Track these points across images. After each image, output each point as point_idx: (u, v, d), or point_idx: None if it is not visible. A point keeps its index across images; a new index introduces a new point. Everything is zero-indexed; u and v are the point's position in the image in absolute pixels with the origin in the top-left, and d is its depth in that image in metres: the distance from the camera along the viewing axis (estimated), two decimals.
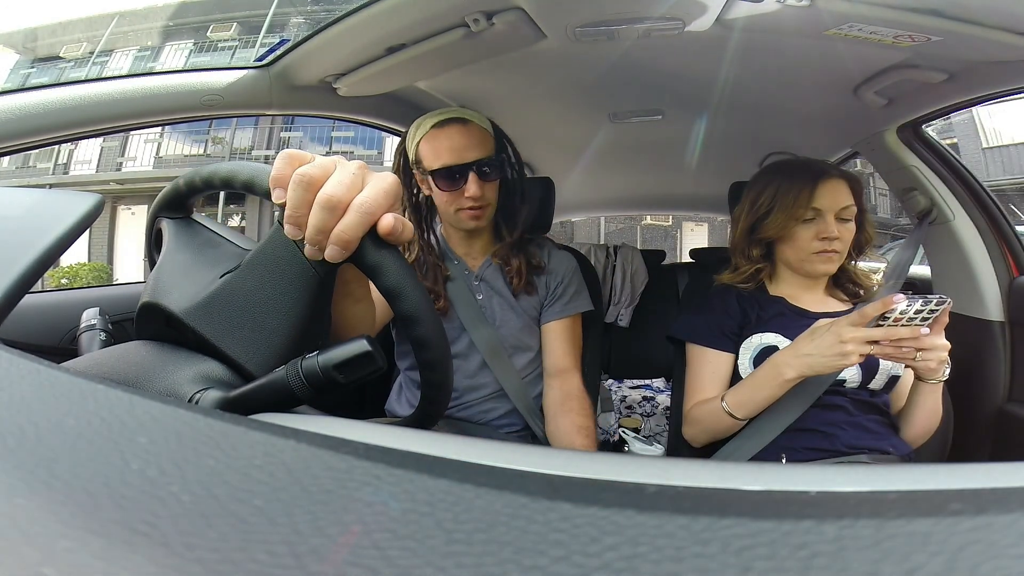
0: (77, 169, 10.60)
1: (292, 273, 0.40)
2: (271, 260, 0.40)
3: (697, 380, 0.94)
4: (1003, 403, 1.11)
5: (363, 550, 0.15)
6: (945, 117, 1.09)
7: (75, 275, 9.74)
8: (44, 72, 12.02)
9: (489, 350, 0.98)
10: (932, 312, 0.71)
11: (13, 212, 0.38)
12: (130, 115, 0.87)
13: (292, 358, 0.36)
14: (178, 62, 11.49)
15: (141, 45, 12.01)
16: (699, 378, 0.93)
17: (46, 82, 0.93)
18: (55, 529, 0.16)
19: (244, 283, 0.39)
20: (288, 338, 0.39)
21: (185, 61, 11.43)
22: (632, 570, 0.14)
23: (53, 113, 0.80)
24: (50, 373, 0.23)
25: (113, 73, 9.10)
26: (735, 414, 0.84)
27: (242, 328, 0.39)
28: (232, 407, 0.34)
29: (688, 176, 1.75)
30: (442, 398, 0.44)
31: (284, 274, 0.40)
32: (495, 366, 0.99)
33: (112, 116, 0.85)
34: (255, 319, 0.39)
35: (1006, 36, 0.74)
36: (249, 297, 0.39)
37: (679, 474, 0.19)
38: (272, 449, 0.20)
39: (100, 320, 0.53)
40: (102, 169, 10.66)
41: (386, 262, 0.39)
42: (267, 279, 0.40)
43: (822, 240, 0.89)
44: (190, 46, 11.76)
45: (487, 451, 0.21)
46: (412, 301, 0.39)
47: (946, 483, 0.19)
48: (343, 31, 0.85)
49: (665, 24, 0.82)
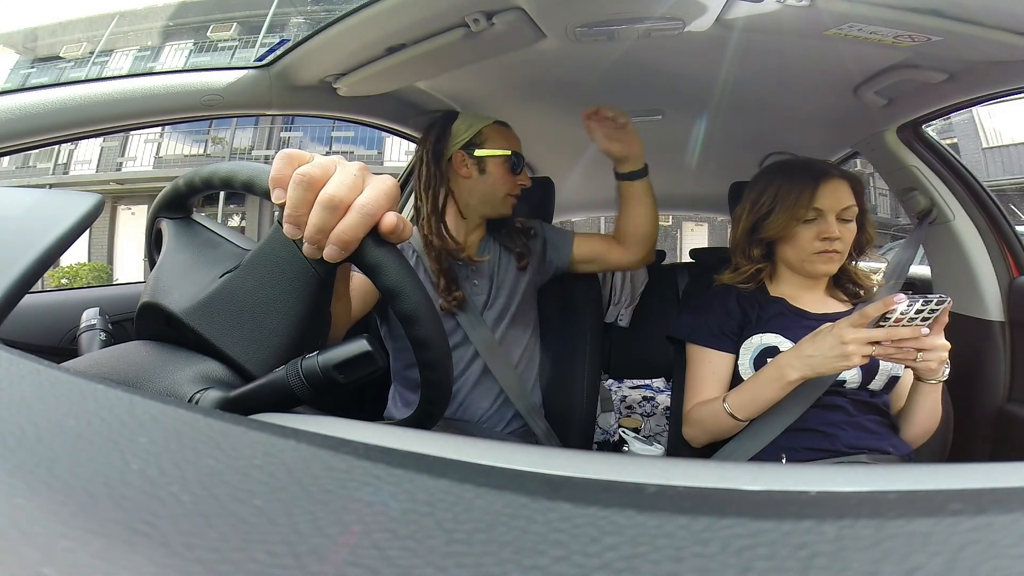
0: (77, 169, 10.56)
1: (291, 273, 0.40)
2: (270, 260, 0.40)
3: (697, 380, 0.94)
4: (1003, 403, 1.10)
5: (363, 550, 0.15)
6: (945, 117, 1.09)
7: (75, 275, 9.72)
8: (44, 72, 11.96)
9: (487, 349, 0.99)
10: (932, 312, 0.71)
11: (13, 212, 0.38)
12: (130, 115, 0.87)
13: (292, 358, 0.36)
14: (178, 62, 11.44)
15: (141, 45, 11.97)
16: (699, 378, 0.93)
17: (46, 82, 0.93)
18: (55, 529, 0.16)
19: (244, 283, 0.39)
20: (287, 338, 0.39)
21: (185, 61, 11.39)
22: (632, 570, 0.14)
23: (53, 113, 0.80)
24: (50, 373, 0.23)
25: (113, 73, 9.07)
26: (737, 415, 0.84)
27: (242, 328, 0.39)
28: (232, 407, 0.34)
29: (688, 176, 1.74)
30: (442, 397, 0.44)
31: (284, 274, 0.40)
32: (493, 364, 1.00)
33: (112, 116, 0.85)
34: (255, 319, 0.39)
35: (1006, 36, 0.73)
36: (249, 297, 0.39)
37: (679, 474, 0.19)
38: (272, 449, 0.20)
39: (100, 320, 0.53)
40: (102, 169, 10.63)
41: (386, 261, 0.39)
42: (266, 279, 0.40)
43: (823, 240, 0.89)
44: (190, 46, 11.72)
45: (487, 451, 0.21)
46: (412, 300, 0.39)
47: (946, 483, 0.19)
48: (343, 31, 0.85)
49: (665, 24, 0.82)
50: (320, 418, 0.31)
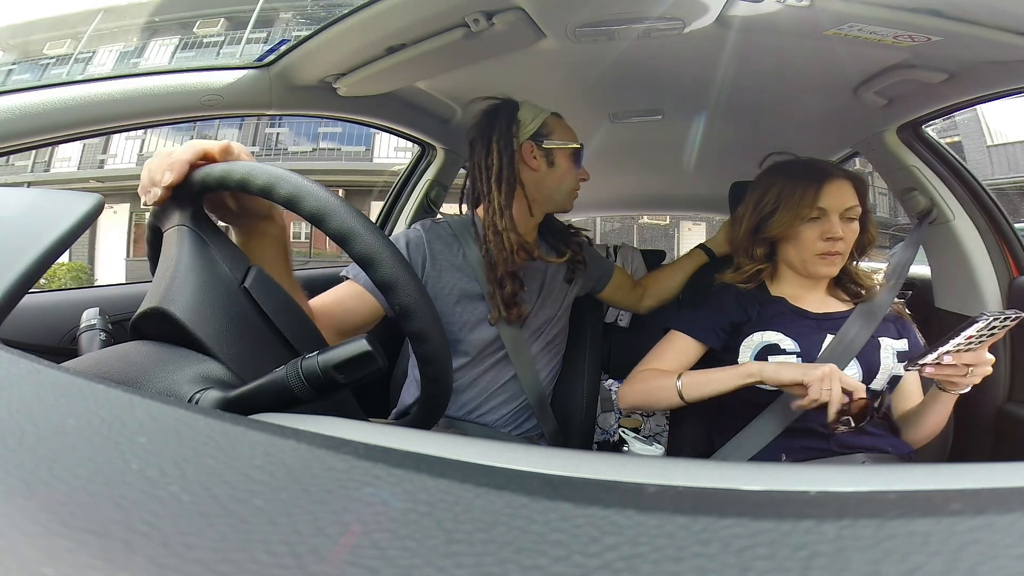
0: (58, 167, 10.26)
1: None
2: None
3: (660, 353, 0.95)
4: (1003, 403, 1.10)
5: (363, 550, 0.15)
6: (949, 116, 1.09)
7: (53, 275, 9.48)
8: (26, 69, 11.61)
9: (513, 345, 0.98)
10: (1002, 327, 0.71)
11: (13, 212, 0.38)
12: (130, 115, 0.87)
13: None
14: (163, 59, 11.15)
15: (126, 42, 11.69)
16: (663, 352, 0.94)
17: (29, 79, 0.93)
18: (55, 529, 0.16)
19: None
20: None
21: (171, 58, 11.12)
22: (632, 570, 0.14)
23: (53, 113, 0.80)
24: (50, 373, 0.23)
25: (96, 70, 8.92)
26: (684, 394, 0.85)
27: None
28: (232, 407, 0.34)
29: (688, 176, 1.75)
30: (442, 392, 0.44)
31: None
32: (523, 374, 0.99)
33: (112, 116, 0.85)
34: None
35: (1006, 36, 0.73)
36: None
37: (679, 474, 0.19)
38: (272, 449, 0.20)
39: (100, 320, 0.53)
40: (84, 167, 10.29)
41: (379, 254, 0.39)
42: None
43: (827, 240, 0.89)
44: (175, 42, 11.48)
45: (487, 451, 0.21)
46: (407, 294, 0.39)
47: (946, 483, 0.19)
48: (343, 31, 0.85)
49: (665, 24, 0.82)
50: (320, 418, 0.31)
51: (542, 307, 1.01)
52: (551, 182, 0.97)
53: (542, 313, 1.02)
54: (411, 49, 0.87)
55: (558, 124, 0.99)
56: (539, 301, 1.01)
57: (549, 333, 1.03)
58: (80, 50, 11.49)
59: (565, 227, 1.08)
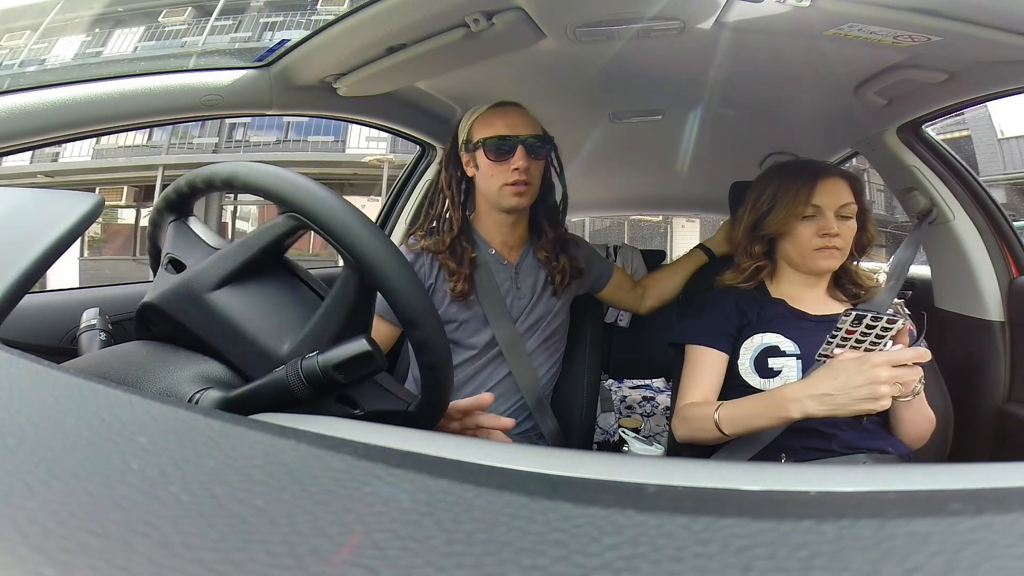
0: (7, 161, 9.80)
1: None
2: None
3: (692, 378, 0.93)
4: (1003, 403, 1.10)
5: (363, 550, 0.15)
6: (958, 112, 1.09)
7: None
8: None
9: (508, 344, 0.99)
10: (885, 331, 0.69)
11: (13, 212, 0.38)
12: (130, 115, 0.87)
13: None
14: (127, 48, 10.69)
15: (87, 31, 11.18)
16: (694, 376, 0.93)
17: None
18: (55, 529, 0.16)
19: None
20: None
21: (135, 49, 10.64)
22: (632, 570, 0.14)
23: (53, 113, 0.80)
24: (50, 373, 0.23)
25: (52, 63, 8.60)
26: (723, 428, 0.82)
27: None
28: (232, 407, 0.34)
29: (688, 176, 1.74)
30: (441, 401, 0.44)
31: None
32: (512, 361, 0.99)
33: (112, 116, 0.85)
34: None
35: (1006, 36, 0.73)
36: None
37: (679, 474, 0.19)
38: (272, 449, 0.20)
39: (100, 320, 0.53)
40: (36, 160, 9.63)
41: (389, 265, 0.39)
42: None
43: (823, 237, 0.90)
44: (140, 32, 10.94)
45: (487, 451, 0.21)
46: (412, 304, 0.39)
47: (946, 483, 0.19)
48: (343, 31, 0.85)
49: (665, 24, 0.82)
50: (320, 418, 0.31)
51: (536, 304, 1.02)
52: (482, 184, 0.99)
53: (536, 310, 1.02)
54: (411, 49, 0.87)
55: (481, 121, 0.98)
56: (533, 299, 1.02)
57: (545, 331, 1.04)
58: (38, 37, 10.96)
59: (554, 235, 1.05)
